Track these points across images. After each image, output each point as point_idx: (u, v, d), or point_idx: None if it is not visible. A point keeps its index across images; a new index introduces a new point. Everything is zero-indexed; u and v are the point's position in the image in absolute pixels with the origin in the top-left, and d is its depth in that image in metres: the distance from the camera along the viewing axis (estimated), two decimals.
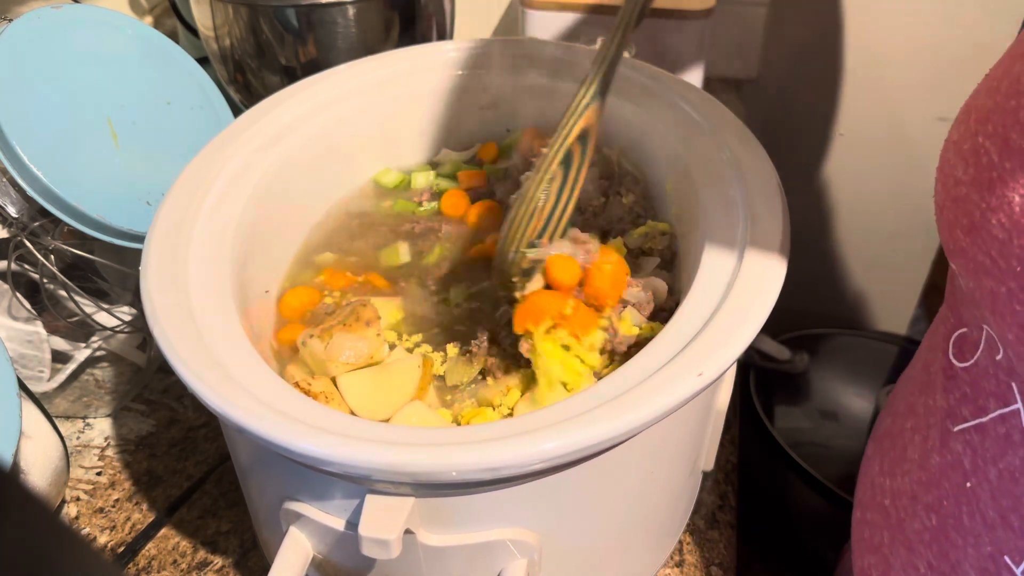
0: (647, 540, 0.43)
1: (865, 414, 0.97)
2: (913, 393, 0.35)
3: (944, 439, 0.31)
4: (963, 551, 0.30)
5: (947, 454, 0.31)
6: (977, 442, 0.29)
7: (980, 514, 0.29)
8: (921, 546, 0.32)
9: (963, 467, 0.30)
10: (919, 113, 0.95)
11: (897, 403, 0.37)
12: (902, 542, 0.33)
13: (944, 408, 0.31)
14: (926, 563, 0.32)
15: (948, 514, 0.31)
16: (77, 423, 0.56)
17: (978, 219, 0.26)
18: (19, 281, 0.51)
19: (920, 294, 1.12)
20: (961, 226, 0.27)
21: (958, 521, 0.30)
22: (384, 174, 0.54)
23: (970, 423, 0.29)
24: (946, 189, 0.28)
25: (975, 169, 0.26)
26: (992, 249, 0.25)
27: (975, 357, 0.29)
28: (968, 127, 0.28)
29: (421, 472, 0.30)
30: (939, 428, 0.31)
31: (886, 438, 0.37)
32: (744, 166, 0.42)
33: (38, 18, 0.50)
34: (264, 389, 0.33)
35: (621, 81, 0.51)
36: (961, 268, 0.27)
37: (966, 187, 0.27)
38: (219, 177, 0.43)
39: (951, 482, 0.30)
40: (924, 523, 0.32)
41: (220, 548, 0.48)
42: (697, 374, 0.32)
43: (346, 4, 0.60)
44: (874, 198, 1.04)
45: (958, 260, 0.27)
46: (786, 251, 0.37)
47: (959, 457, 0.30)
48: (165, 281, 0.37)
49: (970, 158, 0.27)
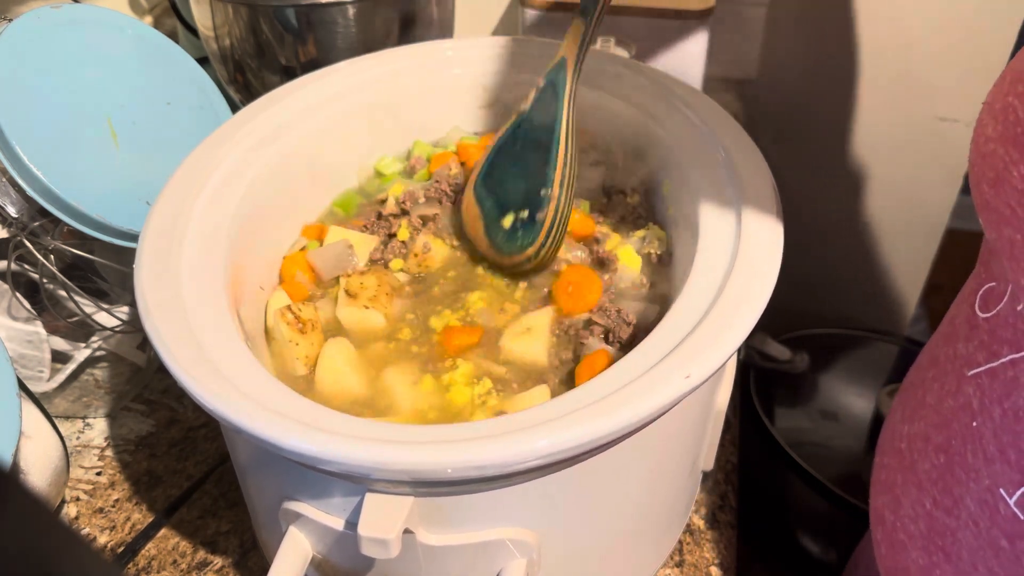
0: (647, 540, 0.43)
1: (865, 414, 0.97)
2: (938, 345, 0.36)
3: (959, 384, 0.32)
4: (965, 486, 0.31)
5: (959, 397, 0.32)
6: (987, 385, 0.30)
7: (982, 451, 0.30)
8: (929, 483, 0.33)
9: (972, 408, 0.31)
10: (919, 113, 0.95)
11: (922, 356, 0.39)
12: (913, 482, 0.35)
13: (963, 356, 0.32)
14: (931, 499, 0.33)
15: (954, 452, 0.32)
16: (77, 423, 0.56)
17: (1002, 171, 0.28)
18: (19, 281, 0.51)
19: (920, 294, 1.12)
20: (987, 179, 0.29)
21: (963, 458, 0.31)
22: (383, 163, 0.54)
23: (983, 368, 0.30)
24: (977, 147, 0.30)
25: (1003, 126, 0.28)
26: (1012, 199, 0.27)
27: (998, 308, 0.30)
28: (1001, 88, 0.30)
29: (416, 469, 0.30)
30: (956, 374, 0.33)
31: (908, 389, 0.38)
32: (740, 169, 0.42)
33: (38, 18, 0.50)
34: (261, 389, 0.33)
35: (621, 82, 0.51)
36: (986, 220, 0.29)
37: (994, 143, 0.29)
38: (214, 175, 0.43)
39: (960, 423, 0.32)
40: (933, 462, 0.33)
41: (220, 548, 0.48)
42: (684, 376, 0.32)
43: (346, 4, 0.60)
44: (874, 198, 1.04)
45: (983, 213, 0.29)
46: (778, 254, 0.37)
47: (969, 399, 0.31)
48: (159, 279, 0.37)
49: (999, 116, 0.29)
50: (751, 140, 0.44)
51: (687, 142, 0.45)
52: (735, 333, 0.33)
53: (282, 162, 0.47)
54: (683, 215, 0.44)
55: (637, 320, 0.42)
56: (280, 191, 0.47)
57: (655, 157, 0.48)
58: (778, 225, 0.39)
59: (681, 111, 0.47)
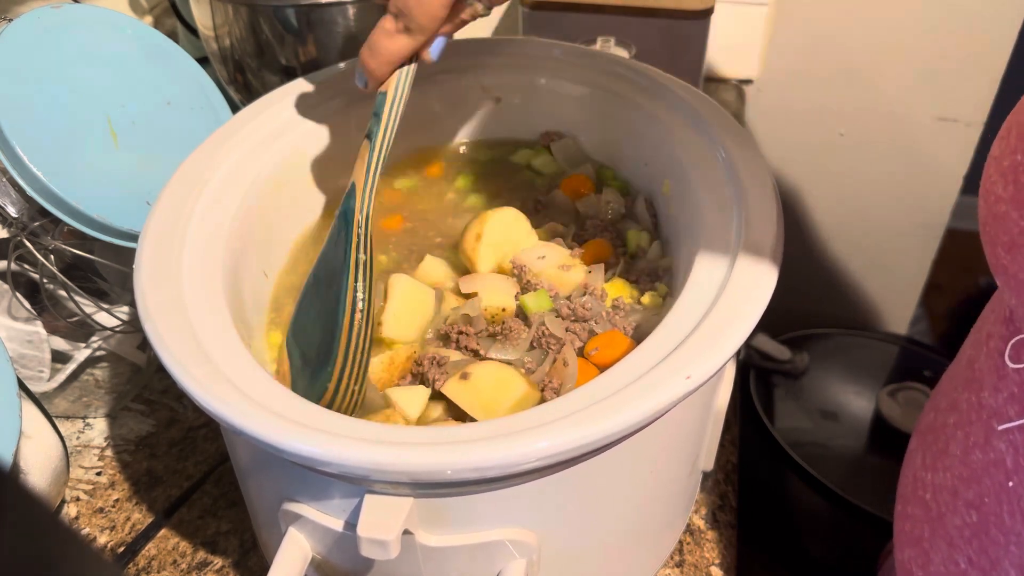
0: (647, 540, 0.43)
1: (865, 414, 0.97)
2: (956, 389, 0.35)
3: (988, 437, 0.31)
4: (1004, 548, 0.30)
5: (990, 451, 0.31)
6: (1020, 442, 0.29)
7: (1021, 513, 0.29)
8: (961, 542, 0.32)
9: (1005, 466, 0.30)
10: (919, 113, 0.95)
11: (939, 399, 0.37)
12: (943, 537, 0.33)
13: (991, 406, 0.31)
14: (966, 558, 0.32)
15: (989, 511, 0.31)
16: (77, 423, 0.56)
17: (1017, 236, 0.26)
18: (19, 281, 0.51)
19: (920, 294, 1.12)
20: (1002, 244, 0.27)
21: (999, 519, 0.30)
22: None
23: (1015, 423, 0.29)
24: (988, 205, 0.28)
25: (1014, 187, 0.27)
26: None
27: None
28: (1008, 143, 0.28)
29: (416, 471, 0.30)
30: (983, 425, 0.31)
31: (929, 432, 0.37)
32: (740, 169, 0.42)
33: (38, 18, 0.50)
34: (261, 391, 0.33)
35: (621, 82, 0.51)
36: (1004, 285, 0.28)
37: (1006, 204, 0.27)
38: (214, 175, 0.43)
39: (993, 480, 0.30)
40: (965, 519, 0.32)
41: (220, 548, 0.48)
42: (685, 377, 0.32)
43: (346, 4, 0.60)
44: (874, 198, 1.04)
45: (1001, 277, 0.28)
46: (779, 255, 0.37)
47: (1002, 456, 0.30)
48: (159, 280, 0.37)
49: (1009, 175, 0.27)
50: (752, 139, 0.44)
51: (687, 142, 0.45)
52: (736, 334, 0.33)
53: (283, 162, 0.47)
54: (683, 215, 0.44)
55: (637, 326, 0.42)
56: (281, 192, 0.47)
57: (655, 157, 0.48)
58: (779, 225, 0.38)
59: (681, 111, 0.47)
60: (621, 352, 0.38)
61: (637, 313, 0.42)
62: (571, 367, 0.38)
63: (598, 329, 0.41)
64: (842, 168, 1.03)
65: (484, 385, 0.38)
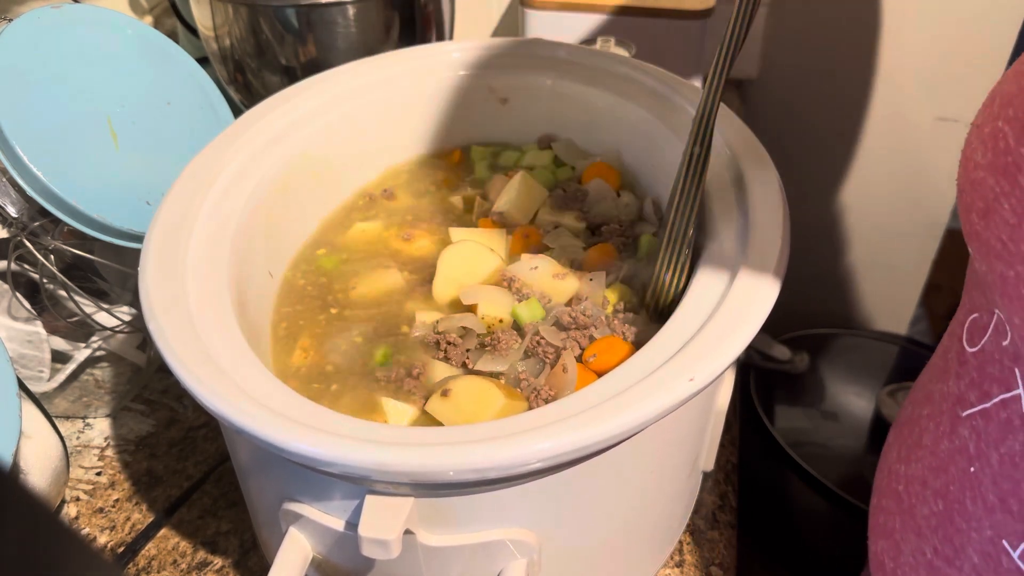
0: (647, 540, 0.43)
1: (865, 414, 0.97)
2: (931, 380, 0.35)
3: (953, 425, 0.31)
4: (966, 535, 0.30)
5: (955, 439, 0.31)
6: (982, 427, 0.29)
7: (982, 499, 0.29)
8: (928, 531, 0.32)
9: (968, 452, 0.30)
10: (919, 113, 0.95)
11: (916, 391, 0.37)
12: (912, 528, 0.33)
13: (955, 394, 0.31)
14: (932, 548, 0.32)
15: (953, 499, 0.31)
16: (77, 423, 0.56)
17: (991, 202, 0.26)
18: (19, 281, 0.51)
19: (920, 294, 1.12)
20: (976, 209, 0.27)
21: (962, 506, 0.30)
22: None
23: (976, 408, 0.29)
24: (966, 172, 0.29)
25: (992, 153, 0.27)
26: (1003, 233, 0.26)
27: (983, 342, 0.29)
28: (991, 111, 0.28)
29: (417, 472, 0.30)
30: (950, 414, 0.31)
31: (904, 425, 0.37)
32: (746, 170, 0.42)
33: (38, 18, 0.50)
34: (263, 390, 0.33)
35: (625, 82, 0.51)
36: (975, 251, 0.28)
37: (983, 171, 0.27)
38: (220, 177, 0.43)
39: (957, 467, 0.30)
40: (932, 508, 0.32)
41: (220, 548, 0.48)
42: (688, 379, 0.32)
43: (346, 4, 0.60)
44: (874, 198, 1.04)
45: (973, 243, 0.28)
46: (785, 257, 0.37)
47: (965, 442, 0.30)
48: (164, 279, 0.37)
49: (989, 142, 0.27)
50: (756, 139, 0.44)
51: None
52: (740, 337, 0.33)
53: (289, 163, 0.47)
54: None
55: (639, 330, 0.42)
56: (287, 193, 0.47)
57: (661, 158, 0.48)
58: (784, 226, 0.38)
59: (685, 110, 0.47)
60: (620, 358, 0.38)
61: (638, 318, 0.42)
62: (570, 373, 0.38)
63: (598, 335, 0.41)
64: (842, 168, 1.03)
65: (463, 400, 0.37)
